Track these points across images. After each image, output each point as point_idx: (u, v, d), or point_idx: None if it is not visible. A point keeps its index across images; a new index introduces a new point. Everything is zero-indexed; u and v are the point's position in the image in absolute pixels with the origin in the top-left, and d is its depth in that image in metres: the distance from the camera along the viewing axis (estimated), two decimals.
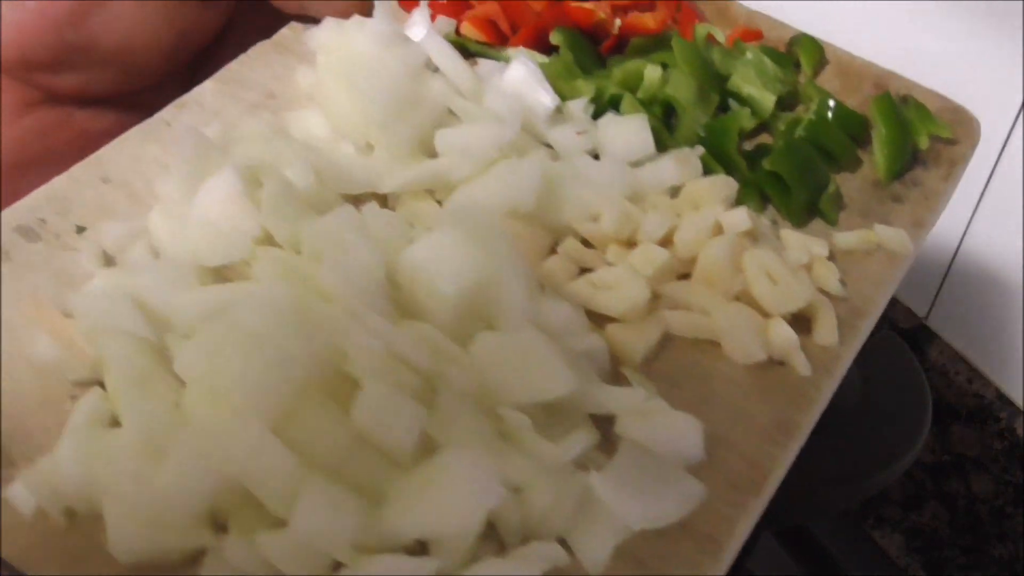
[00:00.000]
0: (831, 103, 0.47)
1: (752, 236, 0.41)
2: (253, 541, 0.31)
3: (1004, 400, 0.69)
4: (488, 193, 0.40)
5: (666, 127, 0.46)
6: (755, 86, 0.47)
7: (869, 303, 0.42)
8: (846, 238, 0.43)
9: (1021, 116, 0.65)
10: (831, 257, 0.42)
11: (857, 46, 0.73)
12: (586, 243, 0.42)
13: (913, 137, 0.47)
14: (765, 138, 0.47)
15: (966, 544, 0.73)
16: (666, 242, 0.41)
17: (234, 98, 0.46)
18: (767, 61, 0.48)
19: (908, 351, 0.66)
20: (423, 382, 0.34)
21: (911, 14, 0.69)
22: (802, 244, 0.42)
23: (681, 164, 0.43)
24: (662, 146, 0.44)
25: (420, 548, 0.32)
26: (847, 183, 0.46)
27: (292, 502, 0.31)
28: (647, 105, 0.46)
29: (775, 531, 0.76)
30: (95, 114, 0.48)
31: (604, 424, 0.36)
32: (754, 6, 0.53)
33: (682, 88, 0.46)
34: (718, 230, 0.41)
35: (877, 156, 0.47)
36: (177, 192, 0.39)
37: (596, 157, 0.44)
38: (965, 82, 0.67)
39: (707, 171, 0.44)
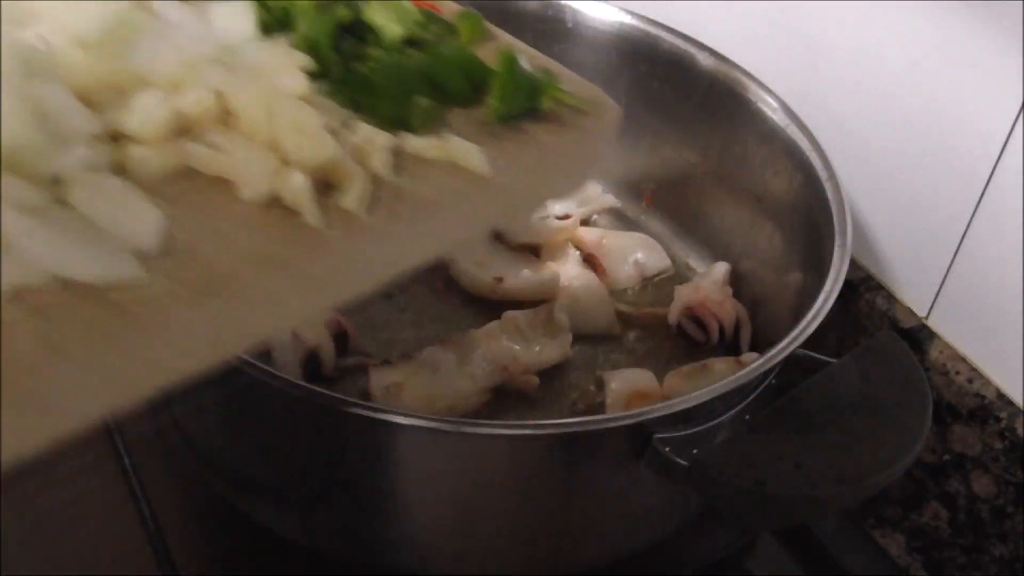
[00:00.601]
0: (454, 44, 0.50)
1: (310, 104, 0.43)
2: None
3: (1004, 400, 0.69)
4: (58, 21, 0.42)
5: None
6: (386, 18, 0.50)
7: (422, 199, 0.43)
8: (417, 142, 0.45)
9: (1021, 116, 0.64)
10: (399, 155, 0.44)
11: (856, 46, 0.73)
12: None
13: (534, 95, 0.49)
14: None
15: (966, 544, 0.73)
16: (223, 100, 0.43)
17: None
18: (406, 4, 0.51)
19: (908, 351, 0.66)
20: None
21: (910, 14, 0.69)
22: (365, 131, 0.44)
23: (270, 48, 0.45)
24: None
25: None
26: (455, 118, 0.48)
27: None
28: (273, 14, 0.48)
29: (775, 531, 0.76)
30: None
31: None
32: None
33: None
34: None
35: (490, 100, 0.49)
36: None
37: None
38: (965, 82, 0.67)
39: None
